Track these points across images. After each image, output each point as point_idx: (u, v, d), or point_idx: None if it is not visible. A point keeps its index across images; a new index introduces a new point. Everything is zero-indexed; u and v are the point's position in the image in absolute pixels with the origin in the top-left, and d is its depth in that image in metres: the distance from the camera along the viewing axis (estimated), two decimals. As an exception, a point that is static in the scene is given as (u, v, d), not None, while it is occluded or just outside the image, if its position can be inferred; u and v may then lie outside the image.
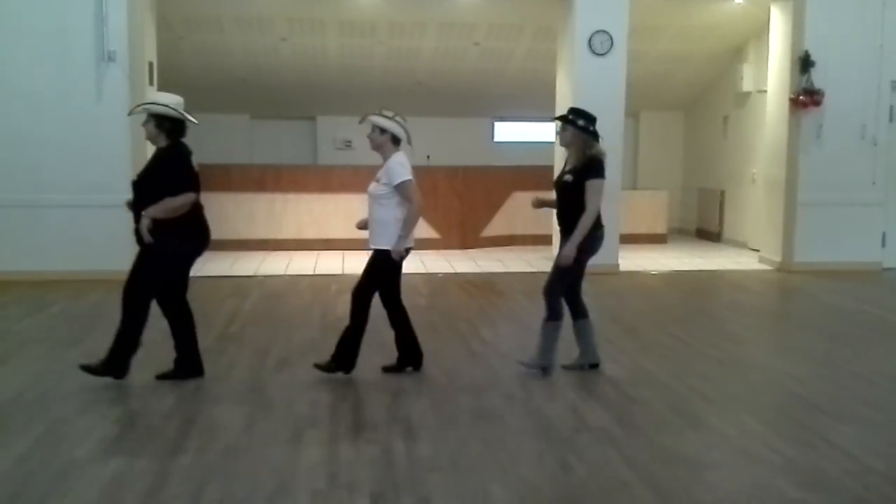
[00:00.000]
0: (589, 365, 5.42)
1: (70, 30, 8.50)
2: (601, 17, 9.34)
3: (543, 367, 5.33)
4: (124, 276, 5.21)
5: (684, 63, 12.62)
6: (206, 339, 6.23)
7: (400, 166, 5.07)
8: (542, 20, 10.97)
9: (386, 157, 5.14)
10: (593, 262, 9.27)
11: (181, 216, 4.95)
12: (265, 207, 11.32)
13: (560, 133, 5.38)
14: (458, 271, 9.82)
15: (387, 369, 5.35)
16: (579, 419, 4.52)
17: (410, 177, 5.08)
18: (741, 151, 12.24)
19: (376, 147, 5.18)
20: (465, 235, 11.53)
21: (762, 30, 10.89)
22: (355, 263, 10.15)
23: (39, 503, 3.39)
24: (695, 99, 13.80)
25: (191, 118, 5.11)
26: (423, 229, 11.52)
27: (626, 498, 3.50)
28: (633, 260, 10.33)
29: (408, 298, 8.01)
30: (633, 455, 3.96)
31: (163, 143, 5.03)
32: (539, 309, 5.50)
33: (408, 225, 5.08)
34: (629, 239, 10.88)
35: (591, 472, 3.77)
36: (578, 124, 5.25)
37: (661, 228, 12.49)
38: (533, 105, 12.36)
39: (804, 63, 9.50)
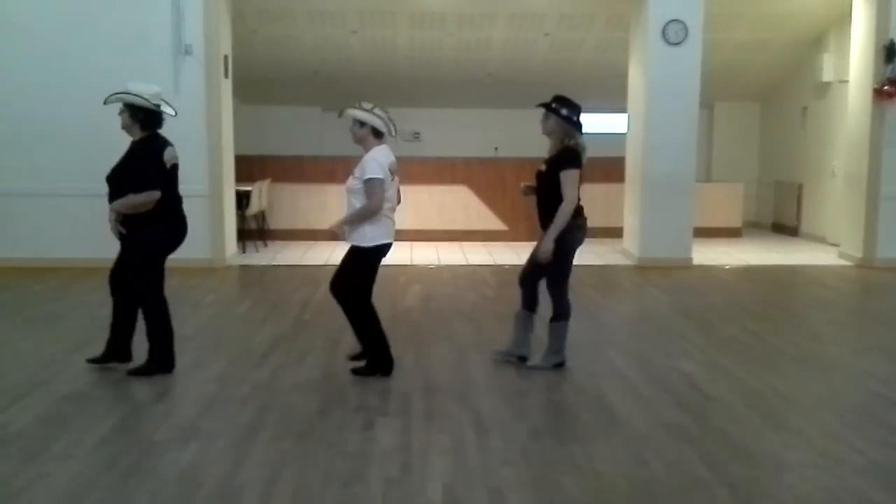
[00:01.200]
0: (518, 357, 5.30)
1: (148, 24, 8.73)
2: (675, 5, 9.15)
3: (558, 364, 5.24)
4: (201, 265, 5.30)
5: (761, 52, 12.29)
6: (280, 327, 6.38)
7: (373, 162, 4.85)
8: (614, 9, 10.81)
9: (367, 151, 4.96)
10: (667, 255, 9.30)
11: (155, 209, 4.83)
12: (336, 199, 11.37)
13: (542, 122, 5.17)
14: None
15: (355, 370, 5.09)
16: (654, 415, 4.44)
17: (381, 176, 4.82)
18: (820, 143, 11.86)
19: (357, 141, 4.99)
20: (533, 227, 11.43)
21: (844, 18, 10.52)
22: (424, 254, 10.24)
23: (123, 482, 3.49)
24: (772, 89, 13.42)
25: (168, 109, 5.00)
26: (490, 221, 11.57)
27: (703, 496, 3.43)
28: (707, 254, 10.12)
29: (476, 290, 8.09)
30: (709, 452, 3.87)
31: (137, 134, 4.92)
32: (609, 301, 5.43)
33: (355, 216, 4.85)
34: (703, 232, 10.66)
35: (667, 468, 3.70)
36: (561, 113, 5.05)
37: (735, 222, 12.21)
38: (604, 96, 12.19)
39: (889, 52, 9.14)
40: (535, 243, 5.41)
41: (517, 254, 10.31)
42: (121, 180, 4.86)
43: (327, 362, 5.40)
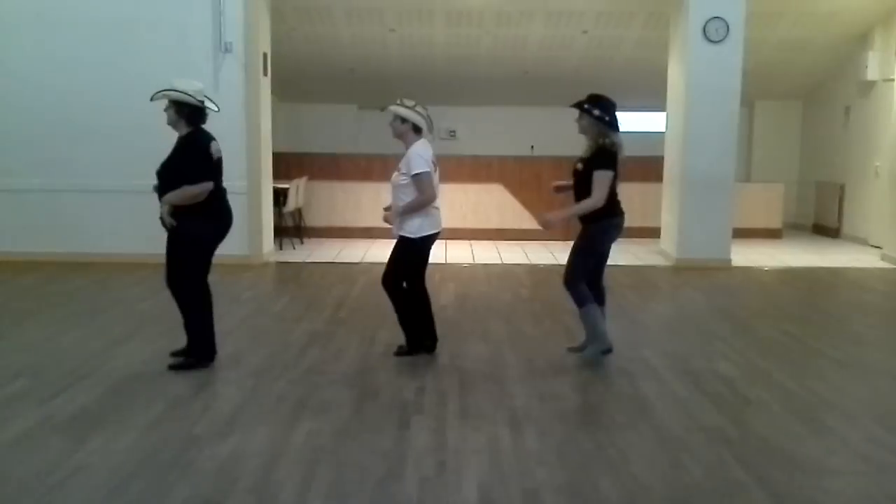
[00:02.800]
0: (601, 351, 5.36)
1: (188, 22, 8.85)
2: (717, 2, 9.05)
3: (605, 352, 5.32)
4: (239, 261, 5.36)
5: (804, 51, 12.09)
6: (315, 323, 6.43)
7: (418, 157, 5.06)
8: (653, 6, 10.71)
9: (407, 146, 5.14)
10: (706, 255, 9.19)
11: (204, 201, 4.95)
12: (371, 196, 11.49)
13: (577, 121, 5.17)
14: (561, 263, 9.70)
15: (400, 352, 5.46)
16: (691, 418, 4.39)
17: (428, 169, 5.07)
18: (863, 143, 11.65)
19: (398, 136, 5.20)
20: (568, 227, 11.37)
21: (890, 15, 10.32)
22: (459, 252, 10.23)
23: (161, 476, 3.53)
24: (814, 88, 13.21)
25: (211, 105, 5.11)
26: (525, 220, 11.52)
27: (741, 501, 3.37)
28: (746, 255, 9.99)
29: (511, 289, 8.06)
30: (748, 457, 3.81)
31: (183, 129, 5.03)
32: (646, 302, 5.39)
33: (408, 207, 5.10)
34: (742, 233, 10.53)
35: (705, 472, 3.65)
36: (594, 114, 5.04)
37: (775, 223, 12.04)
38: (643, 94, 12.10)
39: (938, 49, 8.96)
40: (571, 243, 5.40)
41: (552, 253, 10.28)
42: (171, 174, 4.96)
43: (363, 359, 5.42)
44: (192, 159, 4.95)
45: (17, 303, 7.22)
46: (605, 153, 5.08)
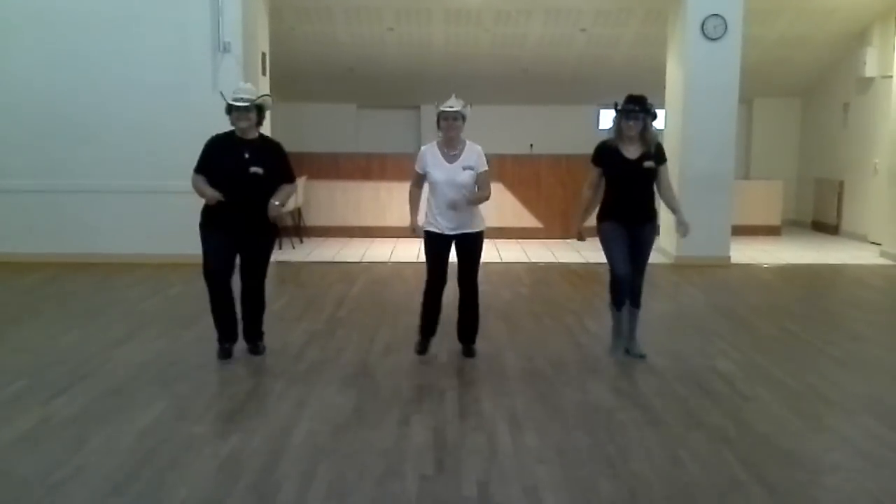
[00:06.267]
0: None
1: (187, 22, 8.83)
2: (715, -1, 9.05)
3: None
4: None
5: (802, 47, 12.10)
6: (316, 323, 6.44)
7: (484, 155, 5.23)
8: (652, 4, 10.72)
9: (457, 143, 5.27)
10: (704, 253, 9.19)
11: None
12: (371, 195, 11.52)
13: (634, 122, 5.29)
14: (560, 261, 9.73)
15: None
16: (691, 415, 4.40)
17: None
18: (862, 140, 11.65)
19: (457, 132, 5.27)
20: (567, 225, 11.40)
21: (889, 11, 10.32)
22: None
23: (161, 476, 3.54)
24: (813, 85, 13.22)
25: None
26: (525, 218, 11.52)
27: (740, 498, 3.38)
28: (746, 252, 10.00)
29: (511, 287, 8.07)
30: (747, 454, 3.82)
31: (254, 133, 5.24)
32: (645, 300, 5.42)
33: (480, 199, 5.33)
34: (741, 230, 10.53)
35: (704, 469, 3.66)
36: (652, 112, 5.34)
37: (774, 220, 12.06)
38: (641, 92, 12.04)
39: (936, 46, 8.95)
40: (574, 241, 5.57)
41: (551, 251, 10.29)
42: (273, 176, 5.21)
43: (362, 358, 5.43)
44: (288, 160, 5.27)
45: (18, 303, 7.23)
46: (662, 148, 5.39)
